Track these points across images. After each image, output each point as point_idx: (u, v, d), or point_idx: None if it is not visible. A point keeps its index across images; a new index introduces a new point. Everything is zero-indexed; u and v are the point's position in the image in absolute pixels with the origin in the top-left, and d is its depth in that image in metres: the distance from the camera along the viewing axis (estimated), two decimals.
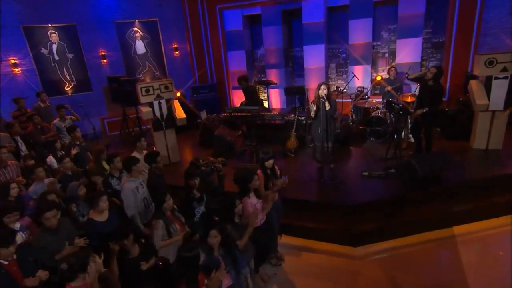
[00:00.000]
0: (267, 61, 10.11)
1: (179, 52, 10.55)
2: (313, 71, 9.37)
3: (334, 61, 9.90)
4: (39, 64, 8.68)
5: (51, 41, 8.76)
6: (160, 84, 6.19)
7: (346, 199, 4.60)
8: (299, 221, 4.51)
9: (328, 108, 4.73)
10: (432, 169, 4.40)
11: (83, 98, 9.48)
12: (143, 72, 10.25)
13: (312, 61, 9.31)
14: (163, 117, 6.36)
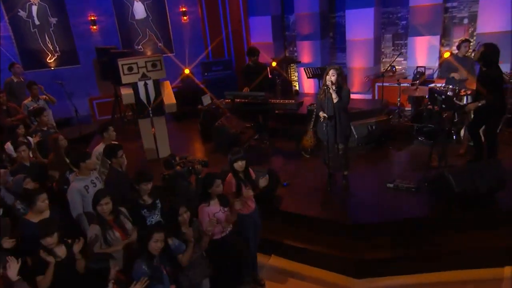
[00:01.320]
0: (299, 30, 10.31)
1: (188, 18, 11.13)
2: (358, 44, 9.39)
3: (390, 31, 9.80)
4: (16, 29, 9.75)
5: (31, 2, 9.78)
6: (146, 61, 6.73)
7: (355, 216, 4.76)
8: (291, 240, 4.78)
9: (337, 100, 4.90)
10: (475, 186, 4.39)
11: (69, 73, 10.45)
12: (142, 42, 10.99)
13: (356, 31, 9.34)
14: (150, 101, 6.92)
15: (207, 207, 3.71)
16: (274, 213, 5.11)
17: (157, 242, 3.02)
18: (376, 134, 6.71)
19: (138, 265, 2.99)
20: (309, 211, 4.92)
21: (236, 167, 3.98)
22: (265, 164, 6.43)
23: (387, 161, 6.28)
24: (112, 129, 5.28)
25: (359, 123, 6.70)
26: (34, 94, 7.27)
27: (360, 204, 5.01)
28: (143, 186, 3.77)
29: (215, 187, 3.67)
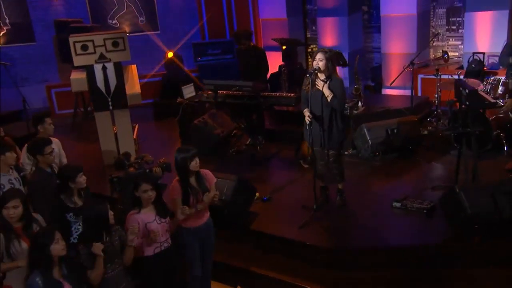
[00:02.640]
0: (320, 4, 10.74)
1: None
2: (396, 22, 9.72)
3: (444, 4, 10.12)
4: None
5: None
6: (105, 38, 7.31)
7: (340, 240, 5.13)
8: (262, 268, 5.16)
9: (329, 95, 5.27)
10: (497, 209, 4.64)
11: (21, 53, 11.29)
12: (118, 15, 11.73)
13: (394, 3, 9.68)
14: (109, 90, 7.51)
15: (137, 214, 4.16)
16: (244, 234, 5.51)
17: (58, 244, 3.49)
18: (398, 140, 6.98)
19: (31, 278, 3.43)
20: (285, 233, 5.28)
21: (192, 167, 4.42)
22: (252, 173, 6.86)
23: (407, 176, 6.52)
24: (49, 121, 5.85)
25: (374, 125, 7.03)
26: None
27: (352, 226, 5.36)
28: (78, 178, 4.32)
29: (140, 191, 4.12)
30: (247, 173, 6.80)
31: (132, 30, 11.68)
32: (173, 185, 4.47)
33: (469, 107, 5.48)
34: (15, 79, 10.85)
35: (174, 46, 11.42)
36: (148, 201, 4.18)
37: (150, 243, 4.18)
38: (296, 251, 5.22)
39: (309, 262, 5.11)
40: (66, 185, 4.45)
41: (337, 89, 5.36)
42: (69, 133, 9.99)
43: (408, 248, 4.97)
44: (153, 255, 4.21)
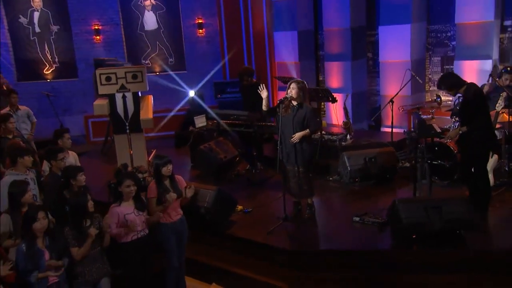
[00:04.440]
0: (327, 49, 11.59)
1: (204, 31, 12.92)
2: (393, 67, 10.40)
3: (439, 53, 10.74)
4: (14, 37, 12.07)
5: (33, 8, 12.12)
6: (126, 71, 8.32)
7: (301, 244, 5.78)
8: (235, 267, 5.84)
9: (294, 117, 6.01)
10: (429, 220, 5.20)
11: (65, 87, 12.56)
12: (151, 56, 12.90)
13: (391, 51, 10.40)
14: (127, 116, 8.46)
15: (117, 206, 4.96)
16: (221, 238, 6.21)
17: (40, 221, 4.32)
18: (375, 168, 7.56)
19: (19, 245, 4.30)
20: (254, 237, 5.95)
21: (164, 172, 5.22)
22: (243, 192, 7.59)
23: (376, 198, 7.08)
24: (67, 137, 6.80)
25: (354, 154, 7.66)
26: (13, 104, 9.12)
27: (314, 234, 6.04)
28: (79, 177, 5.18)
29: (124, 187, 4.93)
30: (239, 191, 7.50)
31: (162, 69, 12.78)
32: (150, 186, 5.27)
33: (418, 136, 6.10)
34: (57, 109, 12.04)
35: (198, 84, 12.39)
36: (129, 195, 4.97)
37: (128, 232, 4.94)
38: (264, 253, 5.87)
39: (274, 263, 5.75)
40: (68, 182, 5.31)
41: (305, 114, 6.10)
42: (99, 156, 11.00)
43: (358, 252, 5.56)
44: (130, 242, 4.97)
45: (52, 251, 4.41)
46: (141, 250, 5.03)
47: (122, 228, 4.91)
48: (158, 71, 12.81)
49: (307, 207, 6.45)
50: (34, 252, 4.32)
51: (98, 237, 4.69)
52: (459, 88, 6.03)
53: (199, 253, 6.17)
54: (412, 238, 5.47)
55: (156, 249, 5.30)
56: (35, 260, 4.31)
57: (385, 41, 10.50)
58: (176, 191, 5.29)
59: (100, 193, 7.07)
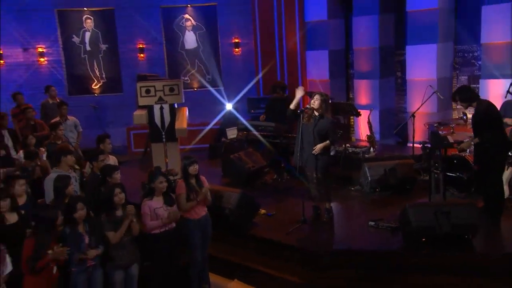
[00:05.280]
0: (356, 67, 11.90)
1: (240, 50, 13.46)
2: (419, 85, 10.60)
3: (466, 72, 10.90)
4: (67, 54, 12.91)
5: (85, 28, 12.95)
6: (164, 84, 8.87)
7: (317, 244, 6.09)
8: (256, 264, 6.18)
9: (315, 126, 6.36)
10: (438, 224, 5.41)
11: (111, 101, 13.26)
12: (190, 73, 13.52)
13: (418, 70, 10.63)
14: (164, 126, 8.98)
15: (149, 201, 5.42)
16: (244, 237, 6.58)
17: (79, 210, 4.83)
18: (395, 179, 7.79)
19: (64, 229, 4.81)
20: (273, 237, 6.30)
21: (190, 171, 5.66)
22: (268, 198, 7.94)
23: (393, 206, 7.28)
24: (108, 142, 7.35)
25: (375, 164, 7.92)
26: (62, 114, 9.81)
27: (330, 235, 6.34)
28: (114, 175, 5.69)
29: (157, 182, 5.39)
30: (264, 197, 7.85)
31: (200, 85, 13.37)
32: (179, 183, 5.72)
33: (431, 146, 6.34)
34: (102, 121, 12.78)
35: (233, 99, 12.87)
36: (161, 191, 5.43)
37: (158, 225, 5.40)
38: (282, 252, 6.20)
39: (291, 261, 6.09)
40: (104, 179, 5.82)
41: (326, 126, 6.46)
42: (138, 165, 11.57)
43: (369, 252, 5.85)
44: (158, 234, 5.42)
45: (91, 236, 4.90)
46: (167, 243, 5.46)
47: (152, 220, 5.36)
48: (196, 87, 13.40)
49: (325, 211, 6.76)
50: (76, 236, 4.83)
51: (128, 226, 5.14)
52: (471, 102, 6.26)
53: (223, 251, 6.54)
54: (421, 241, 5.69)
55: (181, 243, 5.70)
56: (77, 243, 4.81)
57: (412, 60, 10.74)
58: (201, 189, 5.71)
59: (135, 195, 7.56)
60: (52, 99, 10.74)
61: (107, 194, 5.18)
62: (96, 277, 5.00)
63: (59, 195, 5.48)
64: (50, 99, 10.74)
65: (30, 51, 12.61)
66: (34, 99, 11.42)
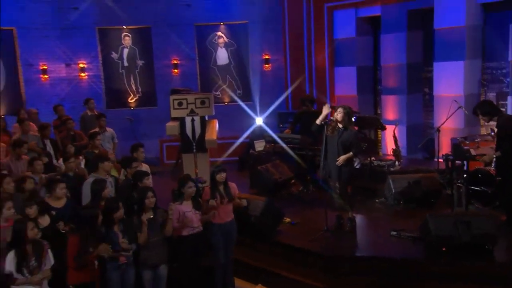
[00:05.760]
0: (384, 83, 12.02)
1: (270, 66, 13.75)
2: (446, 101, 10.60)
3: (494, 89, 10.88)
4: (106, 70, 13.44)
5: (123, 45, 13.48)
6: (196, 98, 9.19)
7: (338, 251, 6.25)
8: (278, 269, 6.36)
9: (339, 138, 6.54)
10: (458, 234, 5.48)
11: (146, 114, 13.69)
12: (221, 88, 13.86)
13: (445, 86, 10.67)
14: (195, 137, 9.28)
15: (179, 205, 5.68)
16: (269, 244, 6.76)
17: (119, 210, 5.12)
18: (419, 192, 7.85)
19: (99, 228, 5.11)
20: (296, 243, 6.46)
21: (217, 178, 5.91)
22: (293, 208, 8.10)
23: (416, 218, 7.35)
24: (141, 150, 7.68)
25: (399, 177, 8.01)
26: (101, 125, 10.23)
27: (352, 243, 6.49)
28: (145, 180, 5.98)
29: (187, 187, 5.66)
30: (289, 207, 8.01)
31: (231, 100, 13.68)
32: (205, 190, 5.97)
33: (453, 158, 6.42)
34: (137, 133, 13.20)
35: (263, 114, 13.12)
36: (190, 195, 5.69)
37: (185, 227, 5.64)
38: (305, 257, 6.37)
39: (313, 266, 6.25)
40: (136, 184, 6.11)
41: (350, 137, 6.63)
42: (169, 176, 11.89)
43: (389, 259, 5.97)
44: (186, 236, 5.68)
45: (124, 235, 5.19)
46: (195, 244, 5.71)
47: (180, 223, 5.61)
48: (227, 101, 13.72)
49: (348, 220, 6.89)
50: (112, 235, 5.12)
51: (160, 228, 5.41)
52: (492, 115, 6.33)
53: (248, 256, 6.74)
54: (442, 250, 5.76)
55: (208, 246, 5.93)
56: (112, 241, 5.11)
57: (439, 76, 10.79)
58: (228, 196, 5.95)
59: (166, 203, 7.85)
60: (91, 111, 11.20)
61: (140, 196, 5.46)
62: (128, 275, 5.31)
63: (95, 197, 5.80)
64: (89, 111, 11.20)
65: (72, 66, 13.19)
66: (74, 111, 11.97)
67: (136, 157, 7.56)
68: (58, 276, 5.10)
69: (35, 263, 4.74)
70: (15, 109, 11.63)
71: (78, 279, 5.08)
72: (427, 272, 5.77)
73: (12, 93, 12.38)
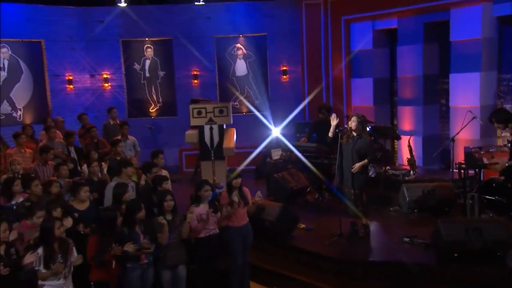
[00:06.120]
0: (400, 94, 12.12)
1: (288, 77, 13.95)
2: (462, 113, 10.66)
3: (510, 100, 10.90)
4: (129, 80, 13.79)
5: (145, 57, 13.82)
6: (214, 107, 9.42)
7: (351, 255, 6.36)
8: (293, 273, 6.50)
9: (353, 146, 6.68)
10: (469, 240, 5.56)
11: (166, 123, 13.97)
12: (239, 99, 14.08)
13: (461, 97, 10.74)
14: (213, 145, 9.50)
15: (196, 207, 5.87)
16: (284, 248, 6.91)
17: (140, 212, 5.34)
18: (433, 200, 7.92)
19: (122, 227, 5.33)
20: (310, 248, 6.60)
21: (233, 183, 6.10)
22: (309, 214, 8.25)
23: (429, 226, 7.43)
24: (161, 156, 7.94)
25: (413, 186, 8.10)
26: (124, 133, 10.52)
27: (365, 249, 6.60)
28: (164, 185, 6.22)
29: (203, 191, 5.87)
30: (305, 214, 8.15)
31: (249, 110, 13.87)
32: (223, 194, 6.15)
33: (466, 167, 6.50)
34: (158, 142, 13.48)
35: (281, 124, 13.26)
36: (206, 198, 5.89)
37: (201, 228, 5.83)
38: (318, 262, 6.51)
39: (327, 270, 6.40)
40: (155, 188, 6.32)
41: (364, 145, 6.77)
42: (188, 183, 12.11)
43: (399, 264, 6.07)
44: (203, 237, 5.86)
45: (145, 235, 5.41)
46: (211, 246, 5.89)
47: (198, 225, 5.80)
48: (245, 112, 13.94)
49: (362, 227, 7.00)
50: (133, 235, 5.35)
51: (178, 229, 5.61)
52: (507, 122, 6.39)
53: (263, 261, 6.91)
54: (454, 256, 5.83)
55: (224, 249, 6.10)
56: (134, 241, 5.33)
57: (455, 88, 10.88)
58: (243, 200, 6.13)
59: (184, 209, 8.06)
60: (113, 120, 11.54)
61: (159, 199, 5.67)
62: (148, 274, 5.54)
63: (117, 200, 6.03)
64: (111, 120, 11.54)
65: (96, 77, 13.59)
66: (98, 120, 12.36)
67: (156, 163, 7.80)
68: (81, 273, 5.33)
69: (61, 259, 4.95)
70: (41, 118, 12.07)
71: (100, 277, 5.29)
72: (438, 277, 5.85)
73: (39, 102, 12.80)
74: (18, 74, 12.37)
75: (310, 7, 13.52)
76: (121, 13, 13.31)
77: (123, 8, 13.18)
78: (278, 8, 13.78)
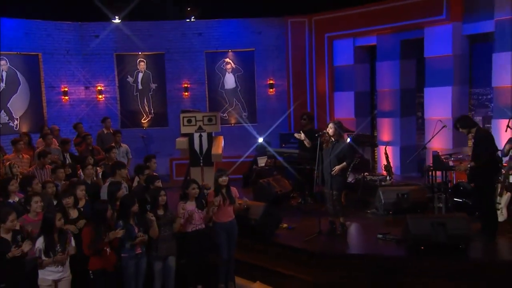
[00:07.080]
0: (379, 107, 12.66)
1: (274, 90, 14.46)
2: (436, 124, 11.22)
3: (480, 113, 11.47)
4: (122, 92, 14.23)
5: (138, 70, 14.28)
6: (204, 115, 9.87)
7: (328, 249, 6.90)
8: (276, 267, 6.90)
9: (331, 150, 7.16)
10: (434, 233, 6.02)
11: (157, 134, 14.38)
12: (228, 110, 14.55)
13: (435, 110, 11.29)
14: (202, 152, 9.92)
15: (184, 204, 6.28)
16: (267, 244, 7.33)
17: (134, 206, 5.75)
18: (407, 203, 8.37)
19: (118, 222, 5.72)
20: (292, 243, 7.02)
21: (220, 182, 6.51)
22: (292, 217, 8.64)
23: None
24: (154, 161, 8.33)
25: (388, 189, 8.57)
26: (117, 141, 10.91)
27: (341, 243, 7.10)
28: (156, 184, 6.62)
29: (190, 189, 6.27)
30: (288, 216, 8.52)
31: (237, 121, 14.36)
32: (210, 193, 6.57)
33: (433, 168, 6.99)
34: (149, 151, 13.77)
35: (266, 134, 13.70)
36: (193, 196, 6.30)
37: (189, 224, 6.23)
38: (299, 256, 6.93)
39: (306, 263, 6.82)
40: (148, 187, 6.72)
41: (342, 149, 7.24)
42: (179, 190, 12.44)
43: (371, 256, 6.61)
44: (190, 232, 6.28)
45: (139, 227, 5.81)
46: (198, 240, 6.30)
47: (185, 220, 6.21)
48: (233, 123, 14.40)
49: (340, 225, 7.43)
50: (128, 227, 5.74)
51: (169, 224, 6.01)
52: (470, 128, 6.89)
53: (247, 257, 7.29)
54: (420, 249, 6.28)
55: (211, 244, 6.50)
56: (129, 232, 5.73)
57: (429, 101, 11.46)
58: (229, 199, 6.54)
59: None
60: (107, 130, 11.92)
61: (153, 195, 6.07)
62: (142, 264, 5.94)
63: (112, 197, 6.42)
64: (105, 130, 11.92)
65: (91, 89, 14.03)
66: (92, 130, 12.78)
67: (149, 166, 8.20)
68: (79, 263, 5.70)
69: (60, 249, 5.32)
70: (37, 127, 12.44)
71: (98, 266, 5.64)
72: (408, 268, 6.26)
73: (35, 112, 13.19)
74: (15, 86, 12.78)
75: (295, 24, 14.10)
76: (115, 28, 13.80)
77: (117, 24, 13.65)
78: (266, 25, 14.37)
